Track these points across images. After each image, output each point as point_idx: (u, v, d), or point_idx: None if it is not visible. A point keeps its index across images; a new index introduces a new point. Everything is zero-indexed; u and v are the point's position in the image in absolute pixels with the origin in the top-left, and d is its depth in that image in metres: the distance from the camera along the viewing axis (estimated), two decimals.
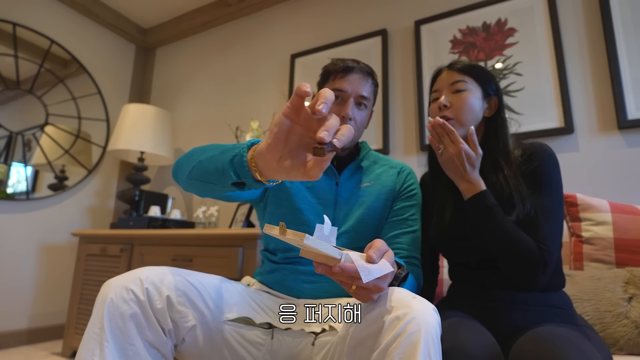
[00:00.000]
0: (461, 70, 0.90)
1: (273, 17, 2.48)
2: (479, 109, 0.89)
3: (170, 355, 0.72)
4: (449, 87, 0.90)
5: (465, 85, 0.88)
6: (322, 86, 1.02)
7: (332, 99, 0.50)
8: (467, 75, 0.90)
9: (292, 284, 0.90)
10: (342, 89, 0.95)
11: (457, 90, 0.89)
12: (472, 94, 0.88)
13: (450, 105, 0.88)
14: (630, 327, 0.91)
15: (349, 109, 0.94)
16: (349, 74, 0.96)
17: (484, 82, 0.90)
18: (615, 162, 1.44)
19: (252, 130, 1.95)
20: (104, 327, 0.64)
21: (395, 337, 0.54)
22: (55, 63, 2.45)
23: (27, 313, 2.21)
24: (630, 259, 1.10)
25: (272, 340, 0.82)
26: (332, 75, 0.99)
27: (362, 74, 0.97)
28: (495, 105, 0.92)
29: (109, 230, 1.98)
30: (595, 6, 1.57)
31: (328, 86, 0.99)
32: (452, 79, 0.90)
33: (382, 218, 0.96)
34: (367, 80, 0.98)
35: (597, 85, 1.52)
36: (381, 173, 1.01)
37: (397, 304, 0.58)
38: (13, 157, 2.20)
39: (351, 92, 0.95)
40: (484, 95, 0.91)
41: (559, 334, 0.60)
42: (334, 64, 0.99)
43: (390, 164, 1.05)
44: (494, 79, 0.92)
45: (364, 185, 0.98)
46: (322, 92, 0.49)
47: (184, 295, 0.72)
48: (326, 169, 0.96)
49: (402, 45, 1.99)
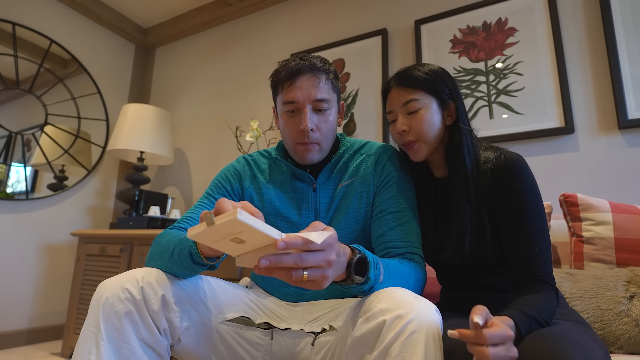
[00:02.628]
0: (409, 85, 0.84)
1: (273, 17, 2.48)
2: (438, 122, 0.84)
3: (166, 355, 0.72)
4: (402, 107, 0.84)
5: (419, 104, 0.83)
6: (275, 99, 0.92)
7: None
8: (417, 90, 0.84)
9: (286, 290, 0.88)
10: (292, 100, 0.85)
11: (411, 111, 0.83)
12: (427, 110, 0.83)
13: (409, 129, 0.83)
14: (630, 325, 0.90)
15: (306, 120, 0.84)
16: (296, 80, 0.84)
17: (437, 91, 0.84)
18: (615, 162, 1.44)
19: (252, 130, 1.95)
20: (100, 326, 0.64)
21: (396, 337, 0.54)
22: (54, 63, 2.44)
23: (27, 313, 2.21)
24: (631, 259, 1.09)
25: (271, 341, 0.81)
26: (279, 87, 0.88)
27: (311, 74, 0.85)
28: (454, 110, 0.86)
29: (109, 230, 1.98)
30: (596, 6, 1.57)
31: (279, 99, 0.89)
32: (403, 98, 0.84)
33: (367, 218, 0.88)
34: (319, 78, 0.85)
35: (597, 85, 1.52)
36: (360, 165, 0.92)
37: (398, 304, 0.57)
38: (12, 157, 2.20)
39: (304, 100, 0.84)
40: (440, 104, 0.85)
41: (561, 333, 0.60)
42: (278, 71, 0.87)
43: (370, 150, 0.94)
44: (446, 82, 0.85)
45: (342, 185, 0.90)
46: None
47: (180, 295, 0.72)
48: (301, 176, 0.92)
49: (402, 45, 1.99)
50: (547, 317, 0.67)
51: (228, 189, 0.94)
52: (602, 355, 0.61)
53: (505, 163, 0.79)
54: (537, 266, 0.73)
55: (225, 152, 2.44)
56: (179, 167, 2.66)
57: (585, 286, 1.01)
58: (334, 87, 0.90)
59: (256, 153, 1.02)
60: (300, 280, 0.52)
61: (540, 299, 0.69)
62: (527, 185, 0.77)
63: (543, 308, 0.67)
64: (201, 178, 2.54)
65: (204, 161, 2.56)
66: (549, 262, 0.74)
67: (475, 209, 0.80)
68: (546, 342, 0.58)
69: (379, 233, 0.84)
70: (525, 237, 0.75)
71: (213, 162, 2.50)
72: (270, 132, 2.23)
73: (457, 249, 0.80)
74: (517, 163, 0.78)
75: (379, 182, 0.89)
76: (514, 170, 0.78)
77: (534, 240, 0.74)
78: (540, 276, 0.72)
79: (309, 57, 0.87)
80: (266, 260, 0.49)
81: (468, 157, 0.83)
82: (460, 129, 0.84)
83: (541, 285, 0.72)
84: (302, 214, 0.90)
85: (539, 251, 0.74)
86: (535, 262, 0.73)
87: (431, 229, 0.87)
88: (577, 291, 1.00)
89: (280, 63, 0.89)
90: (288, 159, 0.96)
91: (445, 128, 0.86)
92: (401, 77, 0.86)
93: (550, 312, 0.68)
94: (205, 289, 0.77)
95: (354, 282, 0.61)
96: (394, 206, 0.85)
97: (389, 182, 0.89)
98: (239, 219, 0.45)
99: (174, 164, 2.68)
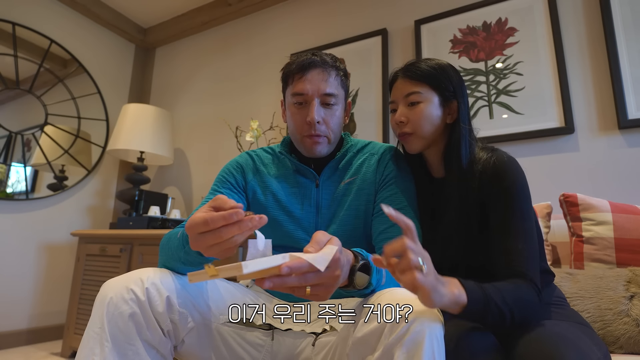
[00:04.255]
0: (415, 78, 0.84)
1: (273, 17, 2.48)
2: (437, 119, 0.84)
3: (170, 356, 0.72)
4: (403, 99, 0.85)
5: (420, 97, 0.83)
6: (284, 92, 0.94)
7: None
8: (421, 83, 0.84)
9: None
10: (302, 92, 0.86)
11: (412, 102, 0.84)
12: (428, 105, 0.83)
13: (407, 121, 0.84)
14: (631, 325, 0.91)
15: (313, 112, 0.85)
16: (306, 73, 0.86)
17: (441, 87, 0.84)
18: (615, 162, 1.44)
19: (252, 130, 1.95)
20: (104, 327, 0.64)
21: (399, 337, 0.54)
22: (54, 63, 2.44)
23: (27, 313, 2.21)
24: (631, 259, 1.10)
25: (272, 342, 0.81)
26: (290, 79, 0.90)
27: (322, 68, 0.86)
28: (456, 109, 0.85)
29: (109, 230, 1.98)
30: (596, 6, 1.57)
31: (288, 91, 0.90)
32: (406, 90, 0.85)
33: (368, 215, 0.88)
34: (329, 73, 0.87)
35: (597, 85, 1.52)
36: (362, 164, 0.93)
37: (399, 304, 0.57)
38: (12, 157, 2.20)
39: (312, 92, 0.86)
40: (442, 101, 0.85)
41: (558, 334, 0.61)
42: (290, 64, 0.89)
43: (373, 149, 0.96)
44: (451, 79, 0.85)
45: (344, 183, 0.91)
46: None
47: (184, 297, 0.71)
48: (304, 172, 0.92)
49: (403, 45, 1.99)
50: (514, 305, 0.62)
51: (232, 182, 0.94)
52: (601, 356, 0.61)
53: (495, 164, 0.78)
54: (519, 264, 0.69)
55: (225, 152, 2.44)
56: (179, 167, 2.66)
57: (586, 286, 1.01)
58: (343, 84, 0.92)
59: (259, 149, 1.03)
60: (303, 295, 0.53)
61: (507, 285, 0.65)
62: (515, 185, 0.75)
63: (509, 292, 0.63)
64: (201, 178, 2.54)
65: (204, 161, 2.56)
66: (533, 262, 0.71)
67: (466, 209, 0.79)
68: (543, 342, 0.58)
69: (379, 230, 0.84)
70: (508, 234, 0.73)
71: (213, 162, 2.50)
72: (270, 132, 2.23)
73: (446, 248, 0.80)
74: (507, 164, 0.77)
75: (380, 180, 0.90)
76: (503, 170, 0.77)
77: (518, 238, 0.72)
78: (521, 271, 0.68)
79: (321, 53, 0.89)
80: (270, 282, 0.49)
81: (465, 156, 0.82)
82: (461, 128, 0.84)
83: (517, 279, 0.68)
84: (304, 209, 0.90)
85: (523, 248, 0.71)
86: (517, 259, 0.70)
87: (427, 229, 0.87)
88: (577, 291, 1.00)
89: (292, 57, 0.91)
90: (292, 154, 0.96)
91: (445, 126, 0.86)
92: (408, 68, 0.86)
93: (519, 302, 0.63)
94: (207, 289, 0.77)
95: (355, 287, 0.62)
96: (394, 204, 0.85)
97: (391, 180, 0.89)
98: (246, 273, 0.45)
99: (174, 164, 2.68)
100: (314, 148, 0.89)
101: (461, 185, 0.80)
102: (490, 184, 0.77)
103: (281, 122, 2.22)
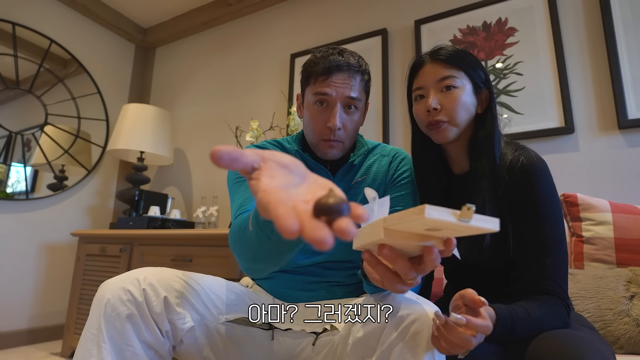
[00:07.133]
0: (448, 61, 0.78)
1: (273, 16, 2.48)
2: (471, 107, 0.79)
3: (168, 356, 0.72)
4: (436, 84, 0.79)
5: (456, 81, 0.77)
6: (304, 89, 0.91)
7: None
8: (455, 67, 0.78)
9: (288, 292, 0.88)
10: (325, 93, 0.83)
11: (447, 87, 0.77)
12: (463, 91, 0.78)
13: (441, 107, 0.77)
14: (631, 325, 0.91)
15: (335, 119, 0.83)
16: (332, 75, 0.83)
17: (474, 73, 0.80)
18: (615, 162, 1.44)
19: (252, 130, 1.95)
20: (102, 328, 0.64)
21: (399, 337, 0.54)
22: (54, 63, 2.44)
23: (27, 313, 2.21)
24: (631, 259, 1.09)
25: (272, 341, 0.81)
26: (312, 78, 0.86)
27: (348, 73, 0.83)
28: (487, 98, 0.81)
29: (109, 230, 1.98)
30: (596, 6, 1.57)
31: (310, 90, 0.87)
32: (440, 74, 0.78)
33: None
34: (354, 78, 0.84)
35: (597, 85, 1.52)
36: (373, 163, 0.92)
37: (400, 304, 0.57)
38: (12, 157, 2.20)
39: (336, 96, 0.83)
40: (475, 89, 0.80)
41: (575, 335, 0.60)
42: (314, 63, 0.86)
43: (384, 151, 0.95)
44: (482, 67, 0.82)
45: (356, 182, 0.90)
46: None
47: (182, 297, 0.71)
48: (319, 172, 0.90)
49: (402, 45, 1.99)
50: (545, 325, 0.63)
51: None
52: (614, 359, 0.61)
53: (523, 165, 0.74)
54: (547, 279, 0.68)
55: None
56: (179, 167, 2.66)
57: (586, 286, 1.01)
58: (366, 87, 0.90)
59: (265, 142, 0.99)
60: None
61: (538, 306, 0.65)
62: (545, 191, 0.72)
63: (539, 314, 0.63)
64: (201, 178, 2.54)
65: (204, 161, 2.56)
66: (562, 276, 0.69)
67: (496, 207, 0.74)
68: (561, 341, 0.57)
69: None
70: (537, 246, 0.70)
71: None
72: (270, 132, 2.22)
73: (475, 244, 0.75)
74: (536, 166, 0.73)
75: (390, 181, 0.90)
76: (534, 172, 0.73)
77: (547, 252, 0.70)
78: (549, 289, 0.68)
79: (347, 54, 0.86)
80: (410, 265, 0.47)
81: (497, 146, 0.78)
82: (494, 116, 0.80)
83: (547, 296, 0.67)
84: None
85: (551, 263, 0.69)
86: (545, 274, 0.69)
87: None
88: (577, 291, 1.00)
89: (317, 53, 0.87)
90: (306, 152, 0.94)
91: (475, 116, 0.82)
92: (438, 52, 0.81)
93: (552, 322, 0.64)
94: (206, 289, 0.77)
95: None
96: (400, 205, 0.86)
97: (400, 181, 0.89)
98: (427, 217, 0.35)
99: (173, 164, 2.68)
100: (328, 152, 0.88)
101: (491, 181, 0.76)
102: (519, 186, 0.74)
103: (281, 122, 2.22)
